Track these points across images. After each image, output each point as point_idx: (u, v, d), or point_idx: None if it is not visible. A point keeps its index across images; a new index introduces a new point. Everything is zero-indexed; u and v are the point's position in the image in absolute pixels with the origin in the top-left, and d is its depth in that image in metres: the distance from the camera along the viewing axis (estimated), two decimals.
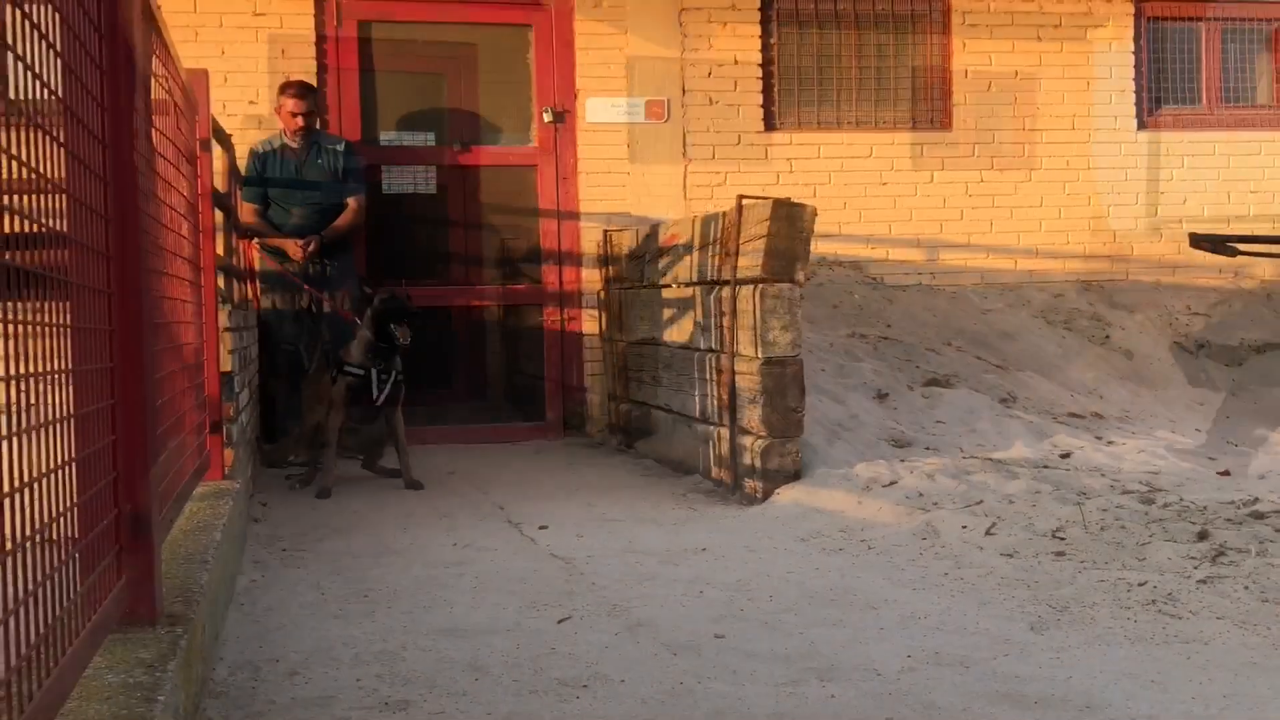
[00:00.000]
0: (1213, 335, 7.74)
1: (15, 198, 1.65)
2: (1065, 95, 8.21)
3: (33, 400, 1.73)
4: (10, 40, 1.64)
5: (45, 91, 1.83)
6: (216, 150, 5.19)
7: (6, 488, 1.56)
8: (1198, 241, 7.65)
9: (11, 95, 1.66)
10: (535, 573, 4.00)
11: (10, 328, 1.61)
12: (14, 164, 1.65)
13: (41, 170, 1.78)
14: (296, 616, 3.48)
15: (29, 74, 1.74)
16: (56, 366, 1.89)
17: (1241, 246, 7.60)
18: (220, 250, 5.02)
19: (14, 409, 1.65)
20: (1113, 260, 8.33)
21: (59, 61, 1.91)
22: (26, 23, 1.73)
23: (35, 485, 1.70)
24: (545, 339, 7.63)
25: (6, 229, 1.59)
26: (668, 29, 7.68)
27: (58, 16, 1.91)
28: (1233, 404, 7.10)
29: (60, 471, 1.87)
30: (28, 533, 1.65)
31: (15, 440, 1.63)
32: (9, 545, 1.57)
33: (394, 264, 7.38)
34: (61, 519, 1.87)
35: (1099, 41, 8.25)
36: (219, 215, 5.15)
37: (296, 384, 6.96)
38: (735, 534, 4.61)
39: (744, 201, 5.35)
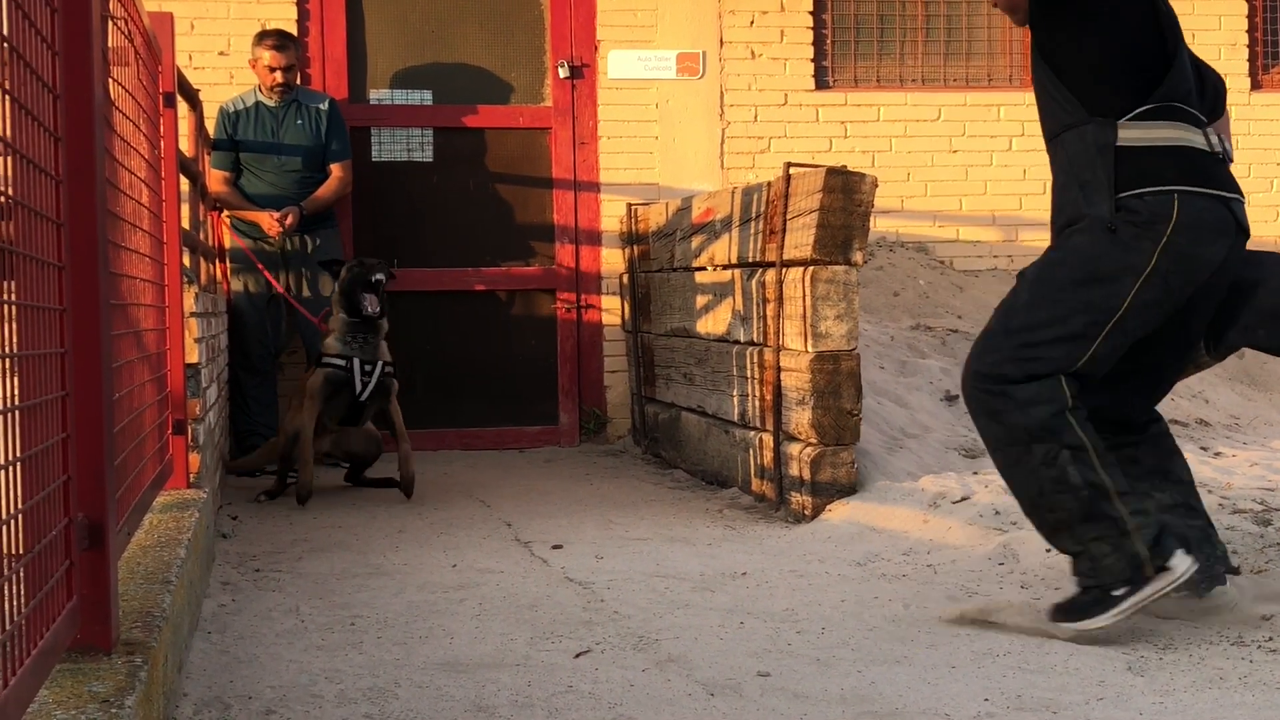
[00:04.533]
0: None
1: None
2: None
3: None
4: None
5: None
6: (182, 108, 5.20)
7: None
8: None
9: None
10: (548, 599, 4.00)
11: None
12: None
13: None
14: (272, 646, 3.48)
15: None
16: None
17: None
18: (186, 223, 5.02)
19: None
20: None
21: None
22: None
23: None
24: (559, 330, 7.63)
25: None
26: None
27: None
28: None
29: (3, 473, 1.86)
30: None
31: None
32: None
33: (383, 242, 7.38)
34: (3, 528, 1.86)
35: None
36: (184, 183, 5.15)
37: (271, 381, 6.97)
38: (780, 556, 4.59)
39: (792, 170, 5.33)
